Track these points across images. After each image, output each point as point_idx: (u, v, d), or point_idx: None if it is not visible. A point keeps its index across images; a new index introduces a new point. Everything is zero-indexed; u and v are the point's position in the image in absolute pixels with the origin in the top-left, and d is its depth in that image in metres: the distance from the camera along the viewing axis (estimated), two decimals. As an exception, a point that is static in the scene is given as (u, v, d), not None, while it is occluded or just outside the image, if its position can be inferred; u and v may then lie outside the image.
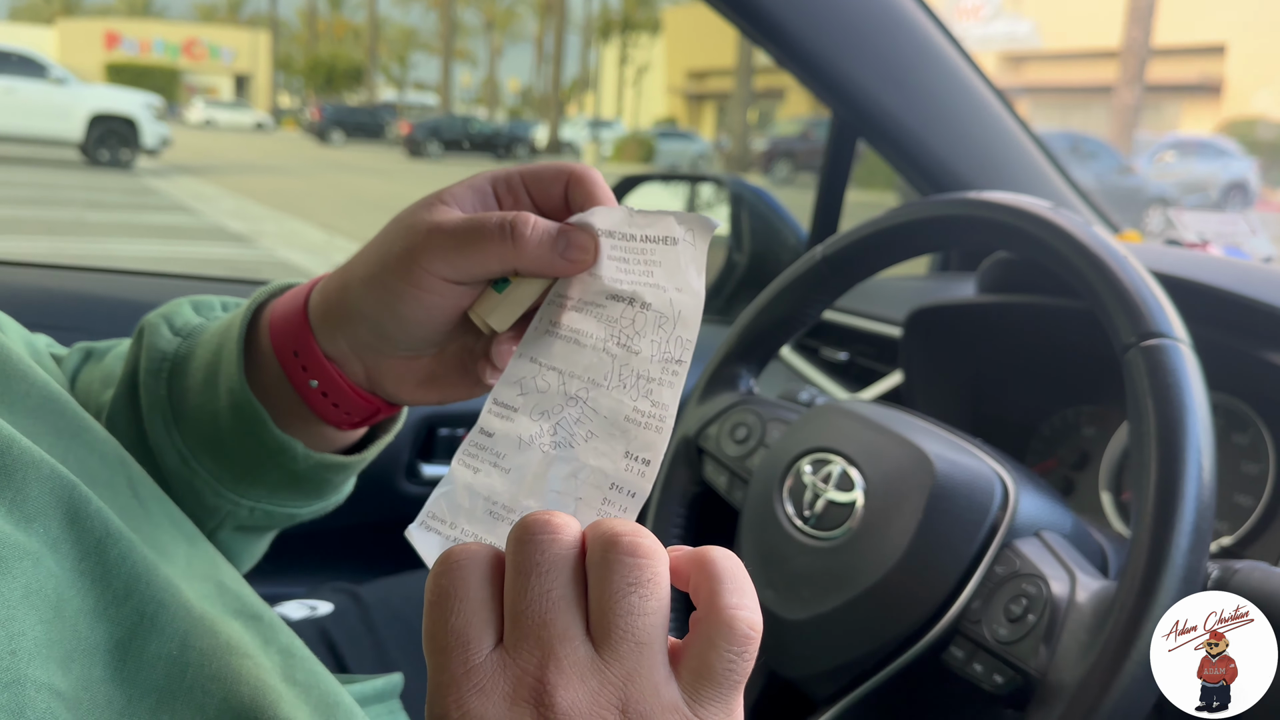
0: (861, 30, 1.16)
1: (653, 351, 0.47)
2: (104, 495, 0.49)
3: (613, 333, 0.48)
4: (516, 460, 0.48)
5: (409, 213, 0.52)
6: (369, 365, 0.56)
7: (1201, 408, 0.64)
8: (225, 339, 0.58)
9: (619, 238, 0.49)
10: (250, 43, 52.06)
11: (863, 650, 0.75)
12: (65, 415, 0.50)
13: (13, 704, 0.37)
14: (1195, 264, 0.93)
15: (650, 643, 0.37)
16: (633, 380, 0.47)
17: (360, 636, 0.89)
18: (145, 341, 0.61)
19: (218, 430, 0.58)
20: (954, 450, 0.78)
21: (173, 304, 0.64)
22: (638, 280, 0.48)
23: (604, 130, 37.03)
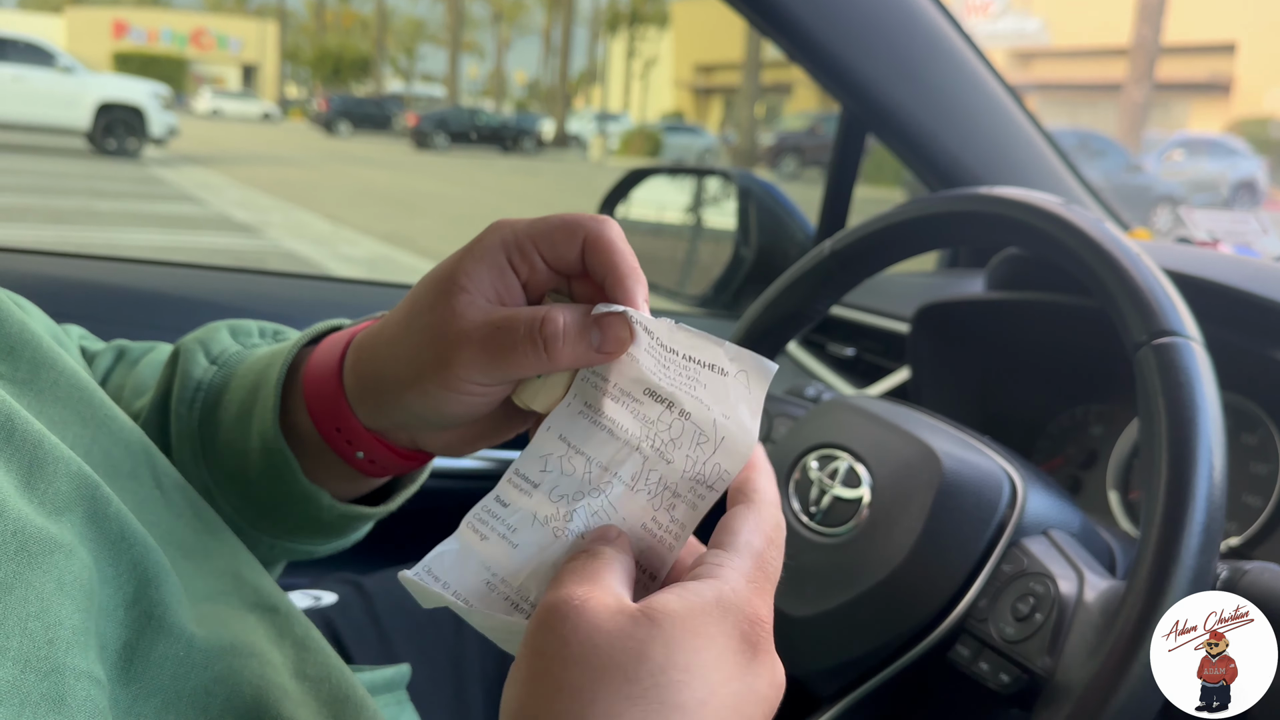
0: (873, 24, 1.15)
1: (685, 467, 0.46)
2: (127, 485, 0.50)
3: (648, 434, 0.47)
4: (527, 537, 0.47)
5: (435, 310, 0.49)
6: (414, 437, 0.56)
7: (1213, 407, 0.64)
8: (262, 381, 0.57)
9: (658, 343, 0.47)
10: (258, 33, 52.06)
11: (868, 647, 0.75)
12: (92, 404, 0.50)
13: (53, 692, 0.37)
14: (1207, 262, 0.92)
15: None
16: (658, 489, 0.46)
17: (364, 628, 0.88)
18: (180, 368, 0.60)
19: (246, 470, 0.58)
20: (962, 448, 0.78)
21: (210, 328, 0.63)
22: (678, 386, 0.47)
23: (611, 123, 36.97)
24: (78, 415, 0.49)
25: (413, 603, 0.93)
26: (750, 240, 1.48)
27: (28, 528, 0.39)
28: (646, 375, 0.47)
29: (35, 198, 10.00)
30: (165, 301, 1.25)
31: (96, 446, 0.49)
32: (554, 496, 0.47)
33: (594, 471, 0.47)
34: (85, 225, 8.72)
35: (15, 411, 0.42)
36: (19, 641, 0.37)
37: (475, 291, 0.48)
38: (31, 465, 0.42)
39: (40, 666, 0.37)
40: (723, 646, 0.39)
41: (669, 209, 1.73)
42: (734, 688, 0.38)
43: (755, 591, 0.41)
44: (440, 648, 0.90)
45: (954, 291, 1.20)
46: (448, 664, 0.89)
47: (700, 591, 0.40)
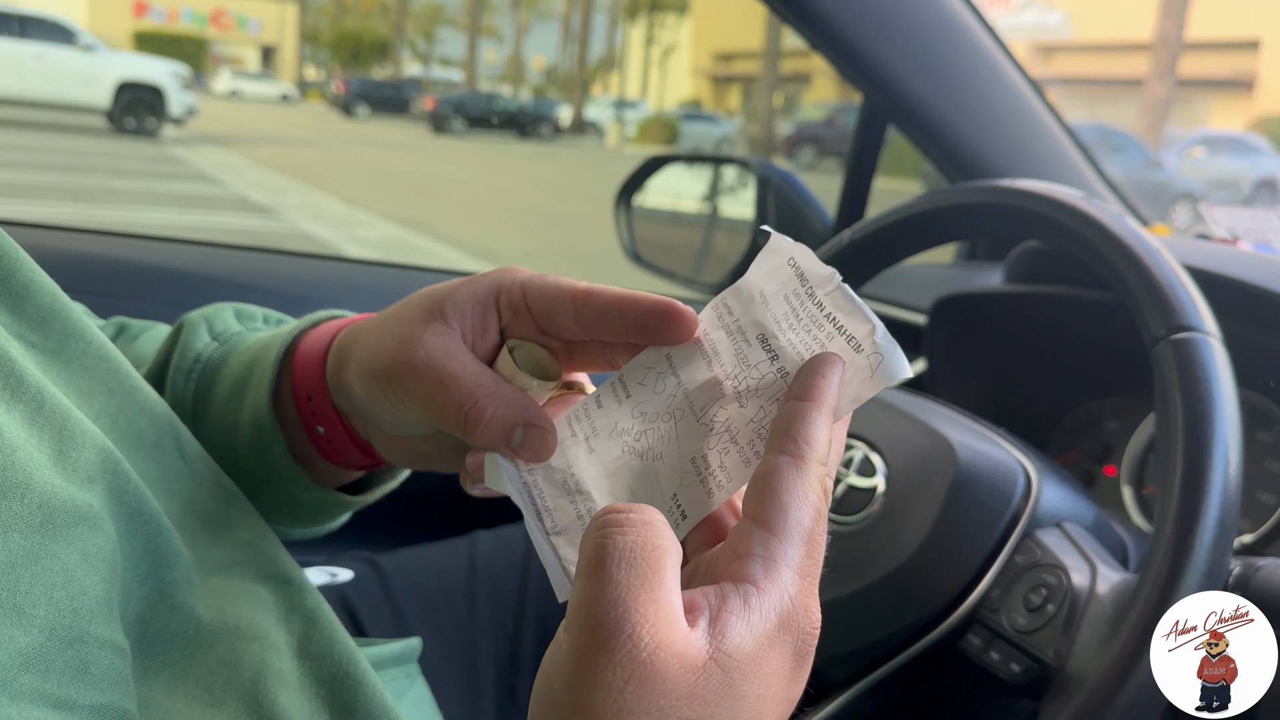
0: (895, 14, 1.15)
1: (754, 415, 0.43)
2: (152, 455, 0.51)
3: (738, 374, 0.44)
4: (603, 444, 0.47)
5: (410, 324, 0.50)
6: (366, 427, 0.57)
7: (1230, 403, 0.64)
8: (261, 357, 0.58)
9: (806, 291, 0.44)
10: (278, 14, 52.08)
11: (879, 635, 0.75)
12: (119, 374, 0.51)
13: (77, 660, 0.39)
14: (1226, 258, 0.92)
15: None
16: (721, 428, 0.44)
17: (379, 604, 0.89)
18: (182, 339, 0.61)
19: (233, 444, 0.59)
20: (977, 439, 0.78)
21: (215, 307, 0.65)
22: (793, 341, 0.44)
23: (628, 111, 36.88)
24: (104, 385, 0.50)
25: (427, 581, 0.94)
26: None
27: (53, 500, 0.40)
28: (768, 321, 0.44)
29: (55, 175, 10.04)
30: (184, 278, 1.25)
31: (122, 416, 0.50)
32: (636, 412, 0.47)
33: (678, 396, 0.46)
34: (104, 203, 8.76)
35: (44, 385, 0.43)
36: (45, 610, 0.38)
37: (453, 322, 0.49)
38: (62, 436, 0.43)
39: (65, 634, 0.38)
40: (777, 670, 0.37)
41: (685, 197, 1.73)
42: (777, 708, 0.37)
43: (808, 589, 0.38)
44: (454, 625, 0.91)
45: (972, 284, 1.20)
46: (461, 641, 0.90)
47: (765, 614, 0.36)
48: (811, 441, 0.40)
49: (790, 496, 0.38)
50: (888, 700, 0.77)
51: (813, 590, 0.38)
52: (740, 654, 0.35)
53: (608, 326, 0.47)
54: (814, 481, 0.39)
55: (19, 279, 0.48)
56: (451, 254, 8.36)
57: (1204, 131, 21.73)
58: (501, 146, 24.99)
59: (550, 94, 52.45)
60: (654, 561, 0.36)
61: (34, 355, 0.47)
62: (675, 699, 0.34)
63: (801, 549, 0.38)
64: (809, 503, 0.39)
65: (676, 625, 0.35)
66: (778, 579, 0.37)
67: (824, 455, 0.40)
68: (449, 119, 28.67)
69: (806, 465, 0.39)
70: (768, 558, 0.37)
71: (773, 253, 0.46)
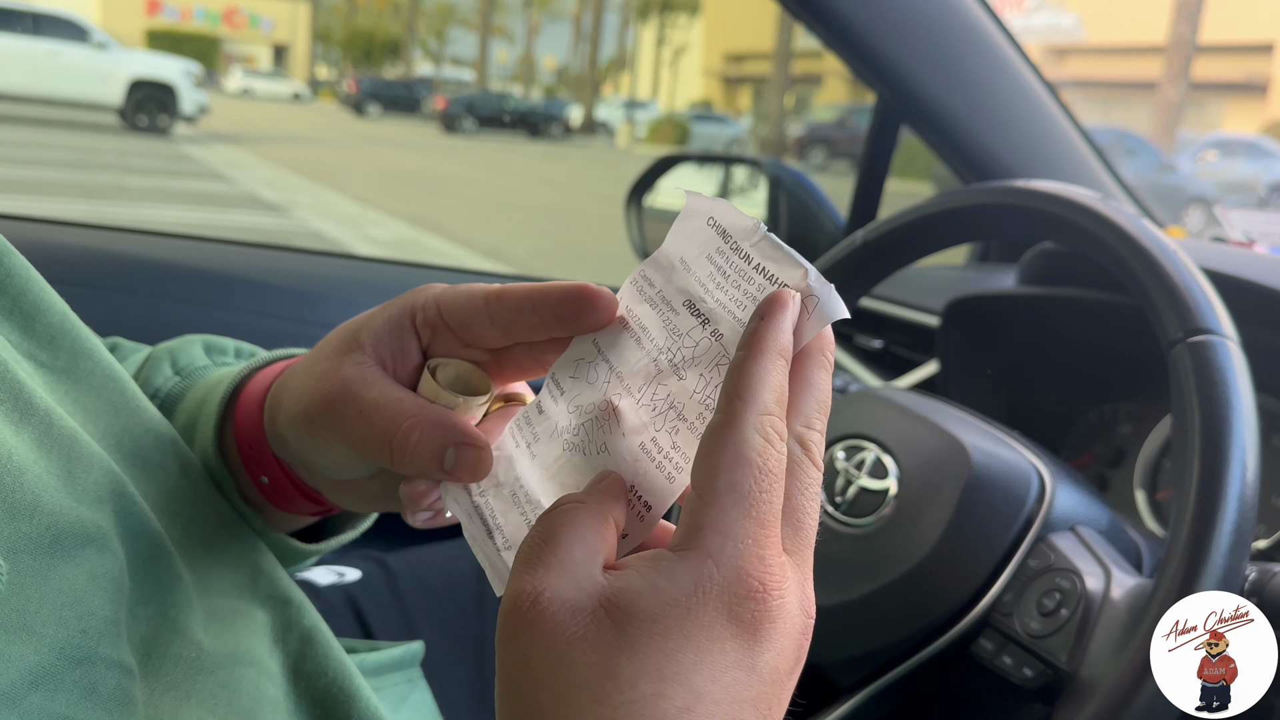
0: (910, 15, 1.15)
1: (697, 388, 0.40)
2: (155, 476, 0.50)
3: (670, 347, 0.42)
4: (544, 448, 0.45)
5: (329, 360, 0.48)
6: (309, 475, 0.54)
7: (1248, 407, 0.63)
8: (208, 399, 0.56)
9: (730, 247, 0.41)
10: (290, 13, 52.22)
11: (891, 638, 0.75)
12: (124, 394, 0.51)
13: (85, 680, 0.39)
14: (1244, 261, 0.91)
15: None
16: (664, 406, 0.41)
17: (387, 604, 0.89)
18: (144, 373, 0.60)
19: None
20: (991, 442, 0.77)
21: (185, 340, 0.63)
22: (723, 301, 0.41)
23: (639, 111, 36.92)
24: (111, 405, 0.50)
25: (435, 581, 0.94)
26: (780, 229, 1.47)
27: (61, 522, 0.39)
28: (693, 286, 0.42)
29: (67, 172, 10.08)
30: (196, 275, 1.26)
31: (127, 436, 0.50)
32: (571, 407, 0.44)
33: (610, 382, 0.43)
34: (116, 201, 8.79)
35: (51, 406, 0.43)
36: (54, 629, 0.38)
37: (370, 350, 0.47)
38: (70, 457, 0.42)
39: (74, 654, 0.38)
40: (705, 641, 0.34)
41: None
42: (728, 679, 0.34)
43: (747, 551, 0.35)
44: (461, 625, 0.90)
45: (985, 285, 1.19)
46: (468, 641, 0.90)
47: (675, 578, 0.34)
48: (744, 394, 0.36)
49: (719, 458, 0.35)
50: (899, 704, 0.76)
51: (757, 546, 0.35)
52: (636, 608, 0.34)
53: (526, 324, 0.45)
54: (748, 435, 0.36)
55: (30, 298, 0.48)
56: (461, 253, 8.37)
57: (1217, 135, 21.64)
58: (512, 146, 25.02)
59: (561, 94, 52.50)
60: (548, 531, 0.37)
61: (43, 374, 0.47)
62: (566, 643, 0.34)
63: (735, 511, 0.35)
64: (741, 459, 0.35)
65: (568, 574, 0.35)
66: (699, 543, 0.35)
67: (767, 404, 0.36)
68: (460, 118, 28.74)
69: (738, 421, 0.36)
70: (691, 524, 0.35)
71: (690, 215, 0.43)
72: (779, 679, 0.35)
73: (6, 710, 0.36)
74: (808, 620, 0.37)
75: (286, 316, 1.24)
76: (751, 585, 0.34)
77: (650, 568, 0.35)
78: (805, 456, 0.38)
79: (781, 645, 0.35)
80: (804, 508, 0.37)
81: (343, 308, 1.24)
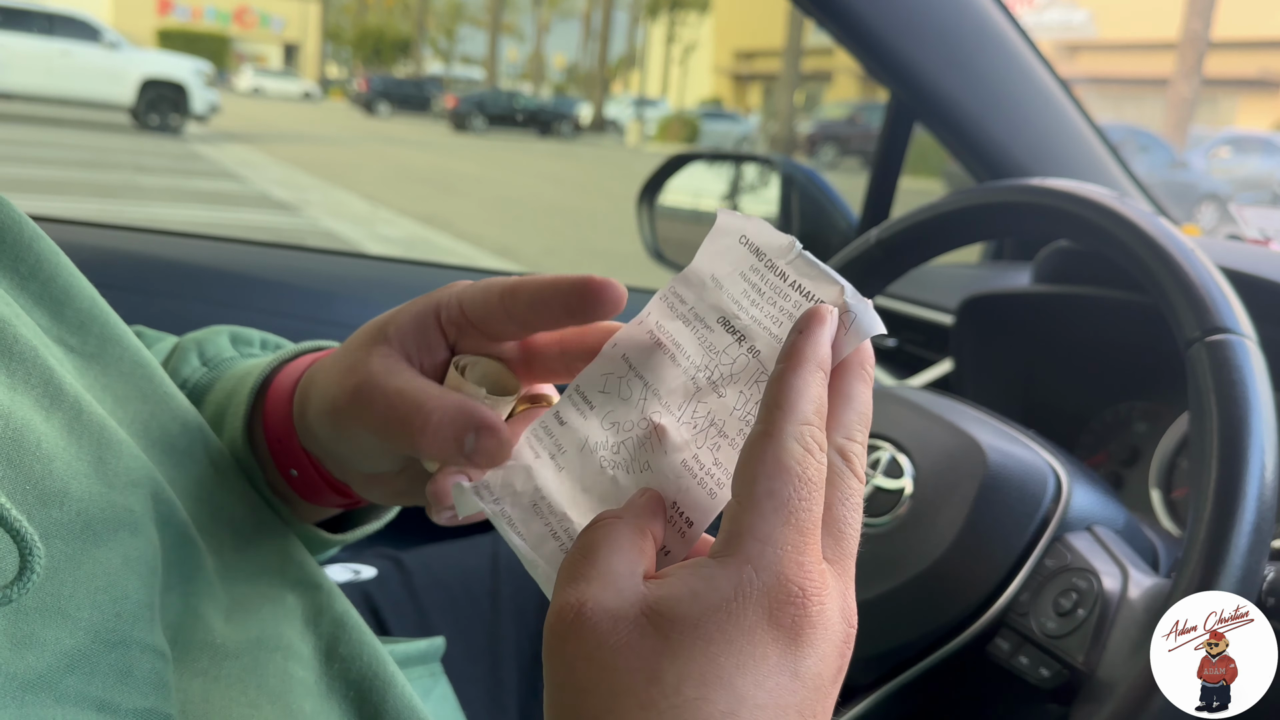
0: (923, 11, 1.14)
1: (737, 405, 0.41)
2: (183, 462, 0.51)
3: (709, 364, 0.42)
4: (573, 461, 0.45)
5: (356, 354, 0.49)
6: (338, 467, 0.55)
7: (1266, 406, 0.63)
8: (238, 389, 0.57)
9: (765, 264, 0.42)
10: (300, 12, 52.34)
11: (906, 638, 0.74)
12: (153, 380, 0.51)
13: (120, 664, 0.39)
14: (1261, 260, 0.91)
15: None
16: (705, 423, 0.41)
17: (402, 602, 0.89)
18: (172, 363, 0.61)
19: None
20: (1007, 441, 0.77)
21: (211, 331, 0.63)
22: (758, 318, 0.42)
23: (649, 109, 36.88)
24: (139, 391, 0.50)
25: (450, 578, 0.94)
26: (792, 227, 1.47)
27: (92, 508, 0.40)
28: (726, 303, 0.43)
29: (79, 172, 10.12)
30: (210, 274, 1.26)
31: (155, 422, 0.50)
32: (606, 423, 0.44)
33: (647, 398, 0.44)
34: (128, 200, 8.82)
35: (81, 393, 0.43)
36: (89, 612, 0.38)
37: (396, 344, 0.48)
38: (101, 443, 0.43)
39: (109, 638, 0.39)
40: (746, 644, 0.34)
41: (707, 196, 1.73)
42: (771, 684, 0.34)
43: (787, 557, 0.35)
44: (477, 623, 0.91)
45: (999, 284, 1.19)
46: (484, 639, 0.90)
47: (715, 584, 0.35)
48: (784, 405, 0.37)
49: (758, 467, 0.36)
50: (915, 704, 0.76)
51: (797, 552, 0.35)
52: (677, 613, 0.34)
53: (539, 316, 0.46)
54: (788, 444, 0.36)
55: (60, 283, 0.48)
56: (472, 251, 8.38)
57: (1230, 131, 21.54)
58: (522, 144, 25.03)
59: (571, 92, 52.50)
60: (588, 546, 0.37)
61: (72, 359, 0.47)
62: (610, 651, 0.34)
63: (774, 517, 0.35)
64: (781, 467, 0.36)
65: (609, 586, 0.36)
66: (739, 549, 0.35)
67: (806, 415, 0.37)
68: (470, 117, 28.77)
69: (777, 431, 0.36)
70: (731, 531, 0.36)
71: (721, 233, 0.44)
72: (822, 685, 0.35)
73: (43, 694, 0.36)
74: (850, 629, 0.37)
75: (301, 315, 1.25)
76: (791, 590, 0.35)
77: (690, 574, 0.35)
78: (846, 467, 0.38)
79: (824, 651, 0.35)
80: (845, 518, 0.38)
81: (357, 306, 1.24)
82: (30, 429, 0.39)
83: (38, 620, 0.36)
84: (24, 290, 0.47)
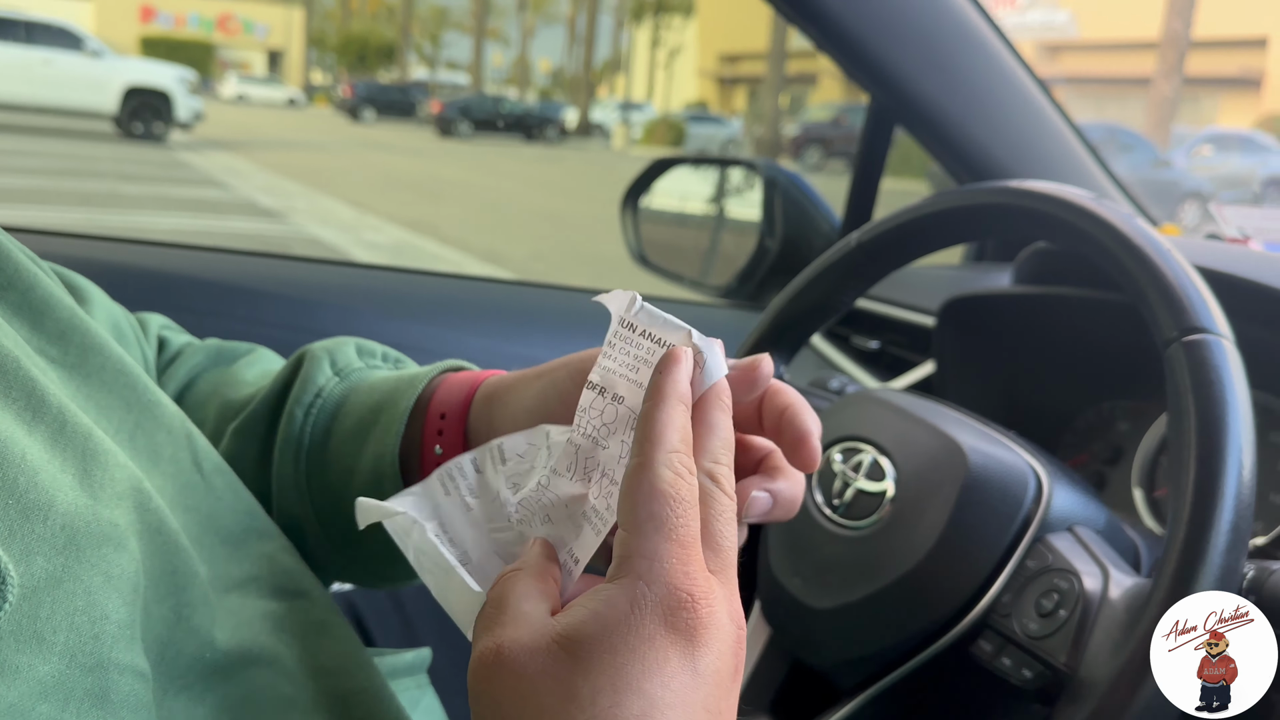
0: (902, 13, 1.15)
1: (621, 452, 0.45)
2: (169, 470, 0.51)
3: (582, 421, 0.46)
4: (482, 506, 0.49)
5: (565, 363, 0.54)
6: None
7: (1243, 405, 0.63)
8: (389, 403, 0.59)
9: (616, 322, 0.47)
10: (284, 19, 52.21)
11: (890, 641, 0.75)
12: (136, 389, 0.51)
13: (97, 688, 0.38)
14: (1238, 259, 0.92)
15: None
16: (597, 476, 0.45)
17: (388, 613, 0.89)
18: (304, 371, 0.62)
19: (348, 484, 0.58)
20: (988, 442, 0.78)
21: (338, 341, 0.65)
22: (613, 368, 0.46)
23: (634, 113, 36.91)
24: (123, 400, 0.50)
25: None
26: (775, 231, 1.47)
27: (77, 521, 0.39)
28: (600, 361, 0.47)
29: (63, 180, 10.08)
30: (194, 284, 1.25)
31: (140, 431, 0.50)
32: (510, 484, 0.49)
33: (540, 458, 0.49)
34: (112, 209, 8.78)
35: (65, 404, 0.43)
36: (65, 636, 0.37)
37: None
38: (85, 455, 0.42)
39: (85, 661, 0.38)
40: (648, 651, 0.38)
41: (692, 199, 1.73)
42: (677, 684, 0.37)
43: (673, 569, 0.39)
44: (461, 633, 0.90)
45: (980, 285, 1.19)
46: (468, 648, 0.90)
47: (613, 602, 0.38)
48: (652, 437, 0.41)
49: (637, 495, 0.40)
50: (899, 706, 0.76)
51: (682, 563, 0.39)
52: (583, 634, 0.38)
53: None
54: (660, 471, 0.40)
55: (38, 294, 0.48)
56: (458, 257, 8.37)
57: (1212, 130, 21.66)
58: (508, 149, 25.02)
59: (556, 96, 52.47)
60: (496, 599, 0.42)
61: (54, 370, 0.47)
62: (530, 681, 0.38)
63: (657, 536, 0.39)
64: (656, 491, 0.40)
65: (522, 627, 0.39)
66: (630, 569, 0.39)
67: (673, 443, 0.41)
68: (455, 122, 28.71)
69: (649, 460, 0.40)
70: (621, 555, 0.40)
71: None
72: (723, 681, 0.39)
73: None
74: (740, 631, 0.40)
75: (283, 324, 1.24)
76: (681, 597, 0.38)
77: (590, 599, 0.39)
78: (716, 488, 0.42)
79: (719, 649, 0.39)
80: (721, 532, 0.42)
81: (339, 315, 1.24)
82: (13, 442, 0.39)
83: (12, 647, 0.36)
84: (2, 301, 0.47)
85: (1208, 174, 16.96)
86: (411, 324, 1.22)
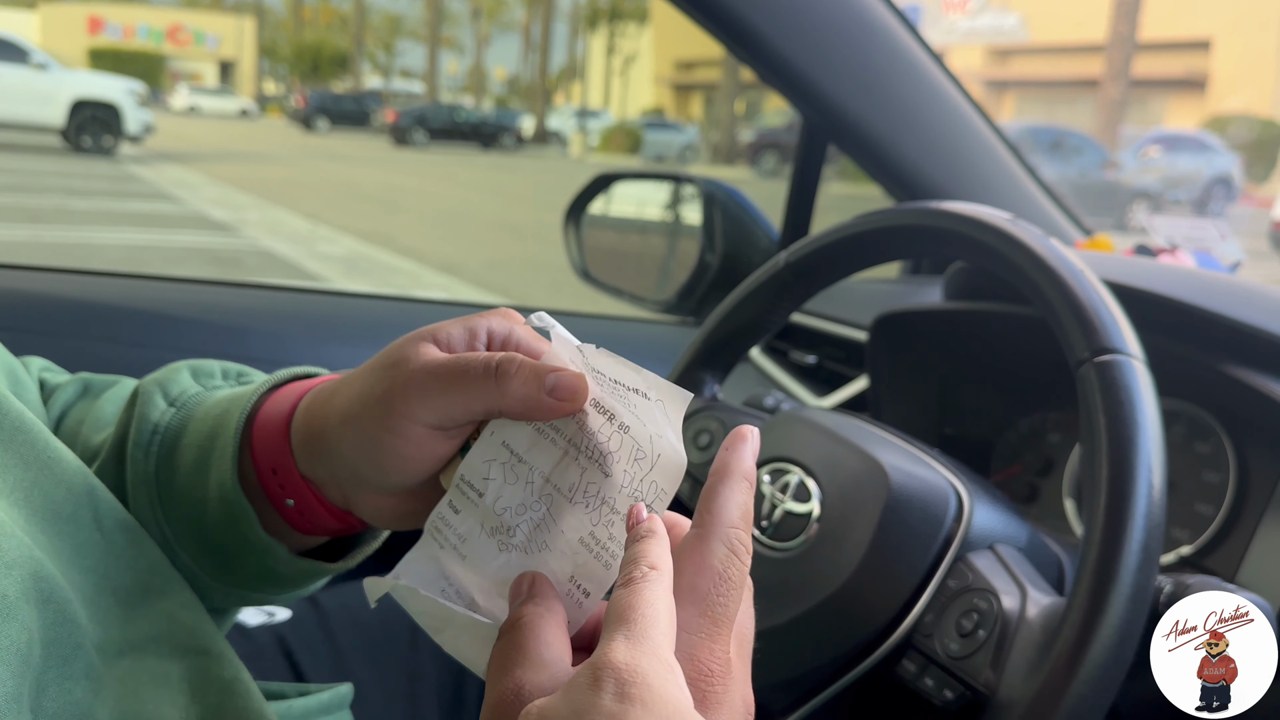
0: (830, 34, 1.15)
1: (624, 481, 0.45)
2: (66, 529, 0.49)
3: (588, 444, 0.46)
4: (475, 549, 0.47)
5: (397, 348, 0.50)
6: (347, 494, 0.54)
7: (1153, 425, 0.64)
8: (221, 427, 0.55)
9: (587, 365, 0.48)
10: (235, 29, 51.68)
11: (818, 661, 0.75)
12: (35, 445, 0.50)
13: None
14: (1156, 275, 0.93)
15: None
16: (596, 502, 0.45)
17: (318, 644, 0.88)
18: (137, 410, 0.58)
19: (203, 517, 0.55)
20: (910, 461, 0.78)
21: (171, 369, 0.61)
22: (616, 404, 0.47)
23: (591, 120, 36.92)
24: (20, 457, 0.49)
25: (368, 617, 0.93)
26: (715, 247, 1.48)
27: None
28: (592, 386, 0.47)
29: (9, 196, 9.90)
30: (118, 313, 1.23)
31: (37, 489, 0.49)
32: (498, 508, 0.47)
33: (536, 481, 0.47)
34: (60, 224, 8.64)
35: None
36: None
37: (444, 346, 0.50)
38: None
39: None
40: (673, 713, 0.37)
41: (649, 204, 1.73)
42: None
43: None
44: (395, 663, 0.90)
45: (910, 301, 1.20)
46: (403, 679, 0.89)
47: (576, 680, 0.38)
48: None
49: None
50: (828, 727, 0.76)
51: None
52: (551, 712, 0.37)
53: None
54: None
55: None
56: (414, 267, 8.32)
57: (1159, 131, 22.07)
58: (464, 158, 24.92)
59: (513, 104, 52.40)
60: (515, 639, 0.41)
61: None
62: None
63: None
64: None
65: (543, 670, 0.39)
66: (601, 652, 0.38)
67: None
68: (411, 131, 28.58)
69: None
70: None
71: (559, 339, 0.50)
72: None
73: None
74: (749, 715, 0.42)
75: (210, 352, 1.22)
76: (701, 670, 0.39)
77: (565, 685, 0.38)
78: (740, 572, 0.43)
79: None
80: (746, 624, 0.44)
81: (269, 340, 1.22)
82: None
83: None
84: None
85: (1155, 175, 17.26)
86: (341, 347, 1.20)
